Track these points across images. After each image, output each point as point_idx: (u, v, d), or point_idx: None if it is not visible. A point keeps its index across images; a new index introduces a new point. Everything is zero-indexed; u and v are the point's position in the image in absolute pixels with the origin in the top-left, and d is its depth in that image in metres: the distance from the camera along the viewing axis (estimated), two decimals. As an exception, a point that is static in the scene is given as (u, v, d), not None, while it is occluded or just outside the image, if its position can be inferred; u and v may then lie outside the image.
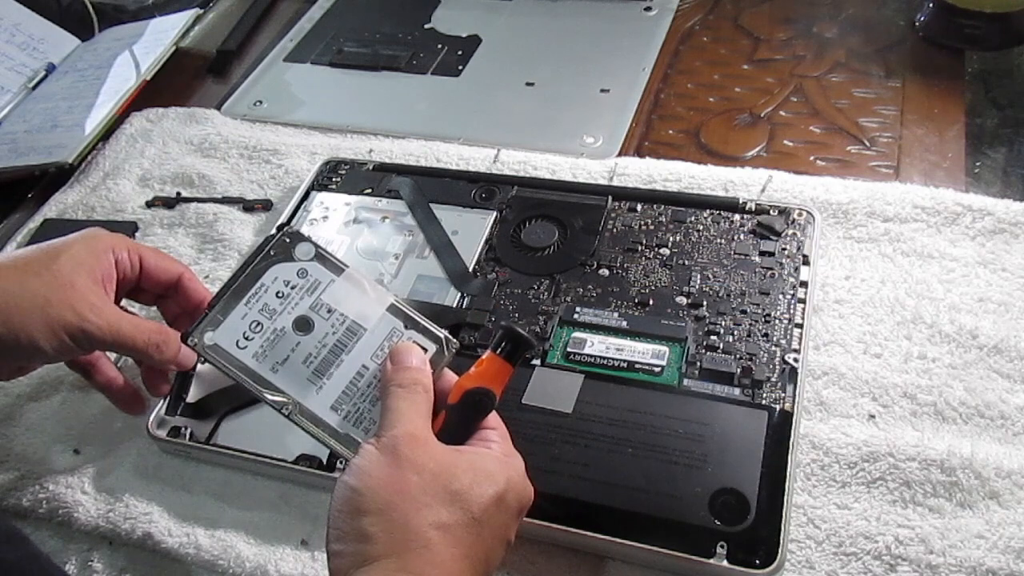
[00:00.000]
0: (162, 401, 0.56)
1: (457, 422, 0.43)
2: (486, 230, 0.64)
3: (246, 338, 0.44)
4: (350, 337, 0.44)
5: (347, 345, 0.44)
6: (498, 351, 0.43)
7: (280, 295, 0.45)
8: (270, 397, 0.43)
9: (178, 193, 0.73)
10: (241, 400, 0.55)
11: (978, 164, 0.66)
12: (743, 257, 0.59)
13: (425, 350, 0.44)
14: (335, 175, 0.71)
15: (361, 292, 0.45)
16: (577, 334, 0.56)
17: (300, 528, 0.50)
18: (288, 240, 0.46)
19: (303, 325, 0.44)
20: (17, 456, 0.56)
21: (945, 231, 0.59)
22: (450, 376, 0.45)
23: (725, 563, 0.44)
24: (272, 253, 0.45)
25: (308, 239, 0.46)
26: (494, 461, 0.41)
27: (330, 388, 0.44)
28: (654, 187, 0.66)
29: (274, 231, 0.63)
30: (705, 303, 0.56)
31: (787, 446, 0.48)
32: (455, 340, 0.45)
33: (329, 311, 0.45)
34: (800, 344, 0.53)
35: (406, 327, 0.45)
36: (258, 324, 0.44)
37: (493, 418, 0.43)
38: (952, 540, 0.45)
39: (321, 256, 0.46)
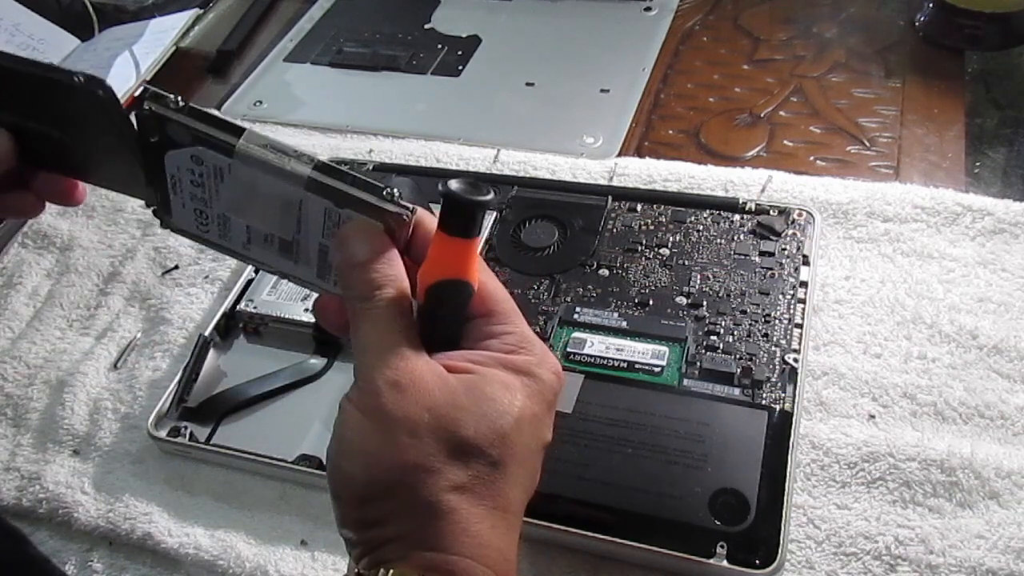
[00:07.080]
0: (162, 401, 0.56)
1: (434, 326, 0.36)
2: (486, 230, 0.64)
3: (202, 224, 0.38)
4: (288, 222, 0.36)
5: (292, 229, 0.37)
6: (445, 228, 0.35)
7: (195, 183, 0.36)
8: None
9: (178, 193, 0.73)
10: (241, 403, 0.55)
11: (978, 164, 0.66)
12: (743, 257, 0.59)
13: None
14: (335, 175, 0.71)
15: (265, 172, 0.35)
16: (577, 334, 0.56)
17: (300, 528, 0.50)
18: (152, 118, 0.34)
19: (237, 211, 0.37)
20: (17, 456, 0.56)
21: (945, 231, 0.59)
22: (429, 231, 0.36)
23: (725, 563, 0.44)
24: (152, 140, 0.35)
25: (165, 102, 0.34)
26: (497, 378, 0.34)
27: (304, 264, 0.38)
28: (654, 187, 0.66)
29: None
30: (705, 303, 0.56)
31: (787, 446, 0.48)
32: (408, 205, 0.36)
33: (248, 200, 0.36)
34: (800, 344, 0.53)
35: (338, 205, 0.36)
36: (201, 212, 0.37)
37: (491, 299, 0.36)
38: (952, 540, 0.45)
39: (200, 138, 0.35)
